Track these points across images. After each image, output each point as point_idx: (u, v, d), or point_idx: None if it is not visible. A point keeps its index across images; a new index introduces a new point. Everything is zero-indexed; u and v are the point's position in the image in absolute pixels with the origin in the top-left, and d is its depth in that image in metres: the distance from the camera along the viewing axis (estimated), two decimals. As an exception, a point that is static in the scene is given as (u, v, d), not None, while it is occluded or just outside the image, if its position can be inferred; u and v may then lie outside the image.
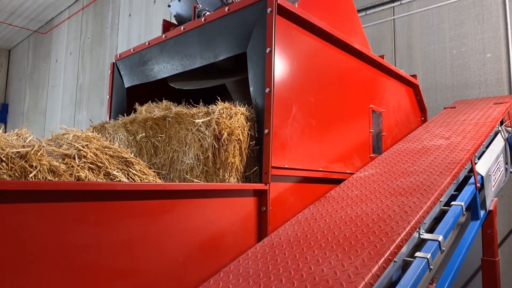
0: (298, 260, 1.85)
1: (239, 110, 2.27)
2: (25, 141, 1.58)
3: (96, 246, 1.49)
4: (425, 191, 2.37)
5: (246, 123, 2.29)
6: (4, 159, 1.44)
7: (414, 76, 4.30)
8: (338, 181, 2.88)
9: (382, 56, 3.71)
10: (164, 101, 2.75)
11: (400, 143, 3.63)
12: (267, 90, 2.33)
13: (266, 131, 2.30)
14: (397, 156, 3.24)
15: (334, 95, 2.92)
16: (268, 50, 2.35)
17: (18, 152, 1.48)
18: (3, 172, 1.42)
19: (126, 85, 3.44)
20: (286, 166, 2.39)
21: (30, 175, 1.47)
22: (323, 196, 2.69)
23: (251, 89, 2.44)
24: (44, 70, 10.20)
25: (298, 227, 2.24)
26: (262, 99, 2.35)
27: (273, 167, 2.28)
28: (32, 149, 1.51)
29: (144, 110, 2.76)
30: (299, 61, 2.58)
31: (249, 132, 2.31)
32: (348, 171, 3.01)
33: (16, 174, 1.45)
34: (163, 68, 3.11)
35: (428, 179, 2.55)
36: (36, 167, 1.50)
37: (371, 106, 3.37)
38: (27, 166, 1.48)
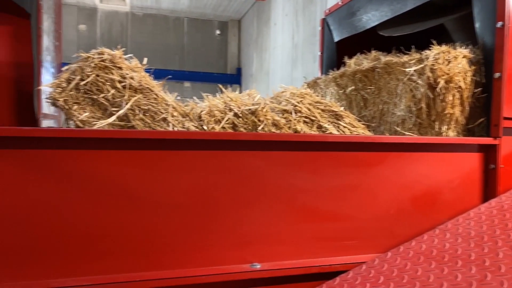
0: (537, 228, 1.55)
1: (460, 52, 1.99)
2: (253, 100, 1.92)
3: (312, 190, 1.72)
4: None
5: (470, 67, 1.99)
6: (240, 115, 1.81)
7: None
8: None
9: None
10: (372, 52, 2.69)
11: None
12: (499, 24, 1.93)
13: (496, 75, 1.96)
14: None
15: None
16: (501, -28, 1.91)
17: (249, 109, 1.82)
18: (240, 125, 1.80)
19: (336, 39, 3.51)
20: (525, 116, 1.98)
21: (259, 128, 1.80)
22: None
23: (476, 25, 2.08)
24: (266, 35, 11.48)
25: (540, 189, 1.86)
26: (493, 36, 1.98)
27: (505, 118, 1.96)
28: (259, 106, 1.82)
29: (353, 63, 2.77)
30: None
31: (473, 78, 2.01)
32: None
33: (249, 127, 1.80)
34: (372, 17, 3.01)
35: None
36: (262, 121, 1.81)
37: None
38: (256, 120, 1.82)
